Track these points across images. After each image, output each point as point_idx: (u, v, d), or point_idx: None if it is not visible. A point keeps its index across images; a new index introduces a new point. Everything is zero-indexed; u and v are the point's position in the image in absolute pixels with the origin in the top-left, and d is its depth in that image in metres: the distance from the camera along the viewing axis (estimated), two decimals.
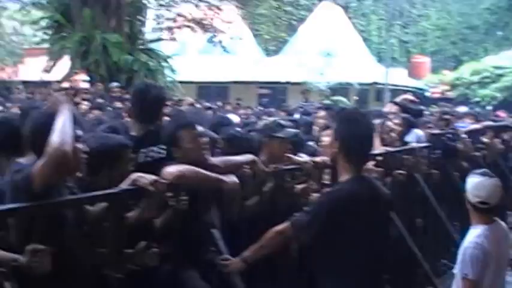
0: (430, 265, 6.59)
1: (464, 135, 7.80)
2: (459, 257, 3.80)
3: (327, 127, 4.73)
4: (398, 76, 26.67)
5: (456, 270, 3.80)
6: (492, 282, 3.73)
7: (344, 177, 3.17)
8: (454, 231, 7.25)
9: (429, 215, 6.60)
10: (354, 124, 3.18)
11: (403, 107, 7.49)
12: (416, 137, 6.67)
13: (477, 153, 8.25)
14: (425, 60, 29.98)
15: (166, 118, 4.34)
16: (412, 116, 7.12)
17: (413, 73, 28.87)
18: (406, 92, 19.58)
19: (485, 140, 8.66)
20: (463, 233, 7.83)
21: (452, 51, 31.92)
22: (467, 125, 8.63)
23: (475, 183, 3.80)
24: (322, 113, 6.25)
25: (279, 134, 4.14)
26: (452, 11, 32.37)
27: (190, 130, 3.61)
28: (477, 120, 9.35)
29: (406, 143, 6.38)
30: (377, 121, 6.46)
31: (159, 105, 4.02)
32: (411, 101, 8.26)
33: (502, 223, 4.05)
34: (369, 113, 7.08)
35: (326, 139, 4.38)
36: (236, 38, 21.68)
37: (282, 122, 4.40)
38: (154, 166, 3.43)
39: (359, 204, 3.08)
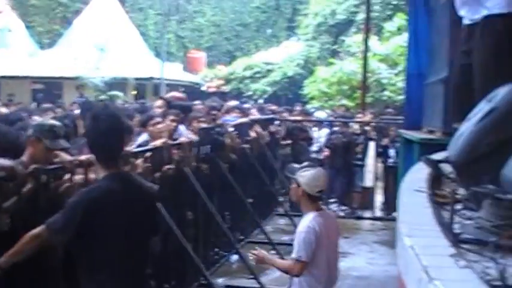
0: (203, 256, 6.86)
1: (231, 129, 8.20)
2: (295, 241, 4.11)
3: None
4: (175, 71, 27.09)
5: (293, 253, 4.10)
6: (326, 259, 4.10)
7: (100, 175, 3.18)
8: (224, 221, 7.63)
9: (199, 207, 6.85)
10: (97, 121, 3.15)
11: (169, 103, 7.67)
12: (181, 132, 6.84)
13: (245, 146, 8.73)
14: (201, 55, 30.71)
15: None
16: (181, 111, 7.32)
17: (190, 68, 29.50)
18: (182, 86, 20.06)
19: (252, 133, 9.18)
20: (234, 221, 8.30)
21: (226, 46, 33.11)
22: (235, 118, 9.04)
23: (312, 175, 4.11)
24: (74, 106, 6.16)
25: (46, 141, 3.92)
26: (226, 9, 33.58)
27: None
28: (244, 113, 9.85)
29: (174, 139, 6.54)
30: (143, 116, 6.58)
31: None
32: (178, 98, 8.50)
33: (327, 210, 4.54)
34: (122, 109, 7.12)
35: None
36: (5, 30, 20.50)
37: (57, 129, 4.06)
38: None
39: (114, 201, 3.08)
